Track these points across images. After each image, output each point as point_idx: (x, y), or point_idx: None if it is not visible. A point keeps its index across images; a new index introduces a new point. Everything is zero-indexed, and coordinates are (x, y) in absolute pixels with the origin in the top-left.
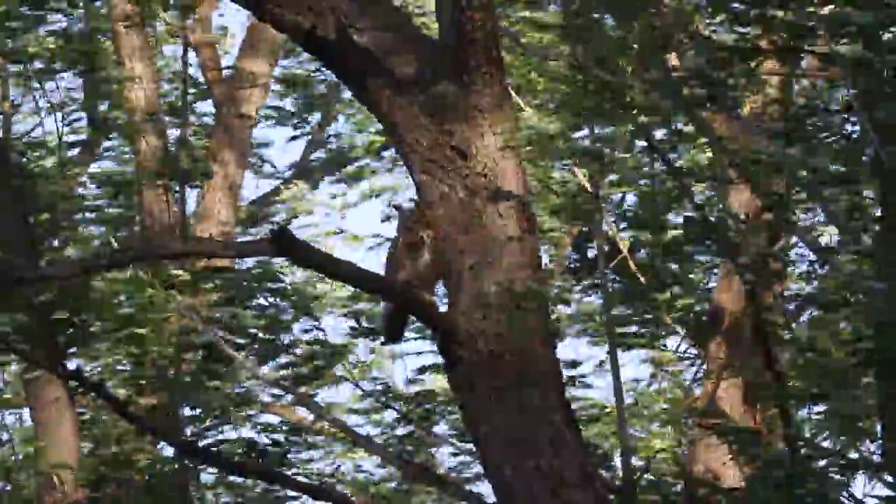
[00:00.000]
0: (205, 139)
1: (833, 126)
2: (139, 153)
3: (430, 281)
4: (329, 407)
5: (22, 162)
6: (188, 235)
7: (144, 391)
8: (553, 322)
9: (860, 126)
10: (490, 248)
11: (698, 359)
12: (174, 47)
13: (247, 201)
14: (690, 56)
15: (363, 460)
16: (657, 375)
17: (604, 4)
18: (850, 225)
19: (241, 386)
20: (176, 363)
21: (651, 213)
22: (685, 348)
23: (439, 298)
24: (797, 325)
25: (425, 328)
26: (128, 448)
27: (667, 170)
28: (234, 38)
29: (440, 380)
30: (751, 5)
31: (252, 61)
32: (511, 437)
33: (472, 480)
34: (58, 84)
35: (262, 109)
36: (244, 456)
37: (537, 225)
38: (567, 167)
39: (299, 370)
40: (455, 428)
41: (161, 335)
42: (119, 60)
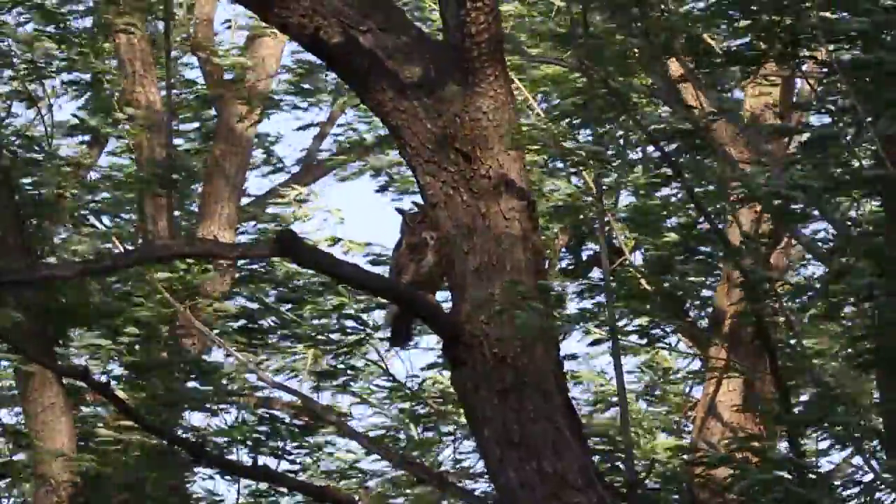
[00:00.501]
0: (205, 142)
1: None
2: (140, 152)
3: (434, 283)
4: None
5: (14, 161)
6: (192, 237)
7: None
8: (556, 323)
9: (861, 130)
10: (494, 250)
11: (699, 361)
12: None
13: (251, 198)
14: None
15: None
16: (656, 379)
17: (604, 11)
18: (852, 228)
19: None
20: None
21: (647, 214)
22: (685, 352)
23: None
24: (798, 328)
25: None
26: (121, 449)
27: (671, 171)
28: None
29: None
30: (750, 12)
31: (256, 61)
32: (513, 440)
33: (476, 480)
34: (46, 86)
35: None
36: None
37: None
38: (565, 172)
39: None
40: (459, 428)
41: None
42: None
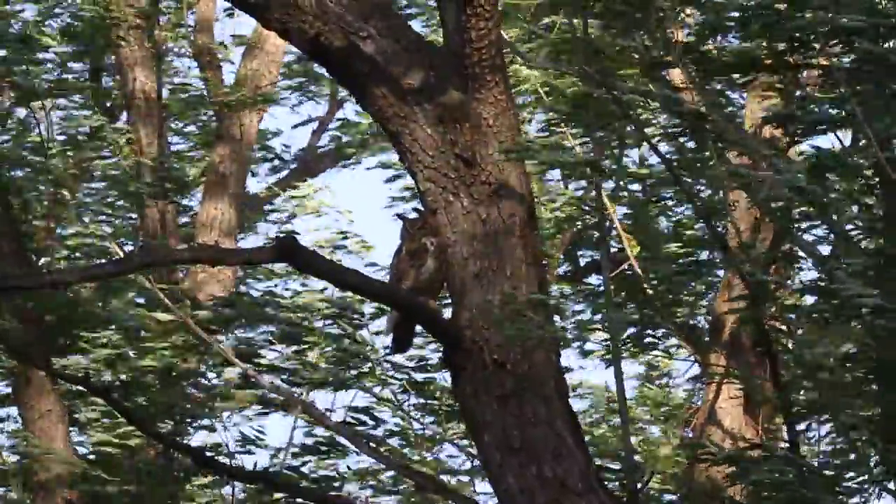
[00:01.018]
0: (206, 147)
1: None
2: (139, 155)
3: (434, 289)
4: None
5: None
6: (194, 242)
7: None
8: (557, 329)
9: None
10: (494, 256)
11: (698, 367)
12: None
13: (257, 192)
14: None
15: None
16: (657, 381)
17: (604, 20)
18: (854, 233)
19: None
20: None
21: (644, 218)
22: (685, 357)
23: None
24: (797, 335)
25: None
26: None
27: (671, 175)
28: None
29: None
30: (751, 19)
31: (256, 65)
32: (514, 445)
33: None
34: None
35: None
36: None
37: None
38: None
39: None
40: (458, 433)
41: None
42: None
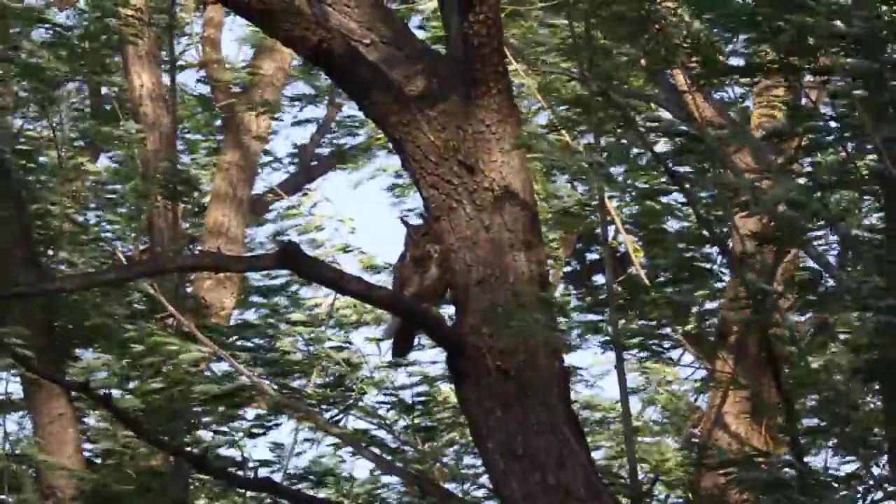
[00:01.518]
0: (213, 154)
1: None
2: (145, 163)
3: (438, 295)
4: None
5: (20, 171)
6: (198, 250)
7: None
8: (558, 333)
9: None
10: (497, 263)
11: (705, 372)
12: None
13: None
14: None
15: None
16: (661, 385)
17: (607, 22)
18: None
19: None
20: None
21: (651, 222)
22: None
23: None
24: (801, 342)
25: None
26: (129, 459)
27: (672, 182)
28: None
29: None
30: (755, 24)
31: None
32: (517, 452)
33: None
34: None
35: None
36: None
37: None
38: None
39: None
40: (462, 439)
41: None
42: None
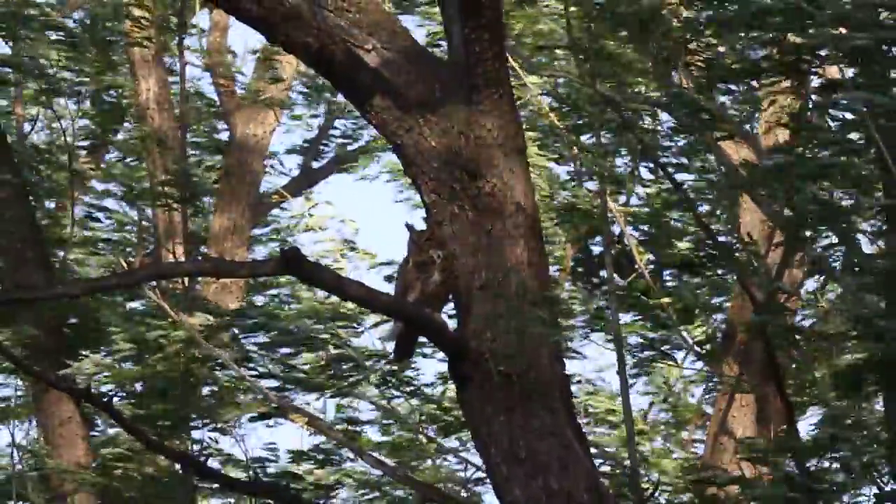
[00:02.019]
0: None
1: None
2: (152, 168)
3: (440, 300)
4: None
5: (31, 173)
6: (200, 255)
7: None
8: (562, 334)
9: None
10: (499, 268)
11: (711, 376)
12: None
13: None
14: None
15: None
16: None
17: (611, 24)
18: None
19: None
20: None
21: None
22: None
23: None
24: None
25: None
26: (135, 464)
27: (673, 188)
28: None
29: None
30: (761, 28)
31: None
32: (520, 456)
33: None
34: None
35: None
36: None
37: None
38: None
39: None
40: (464, 443)
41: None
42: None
